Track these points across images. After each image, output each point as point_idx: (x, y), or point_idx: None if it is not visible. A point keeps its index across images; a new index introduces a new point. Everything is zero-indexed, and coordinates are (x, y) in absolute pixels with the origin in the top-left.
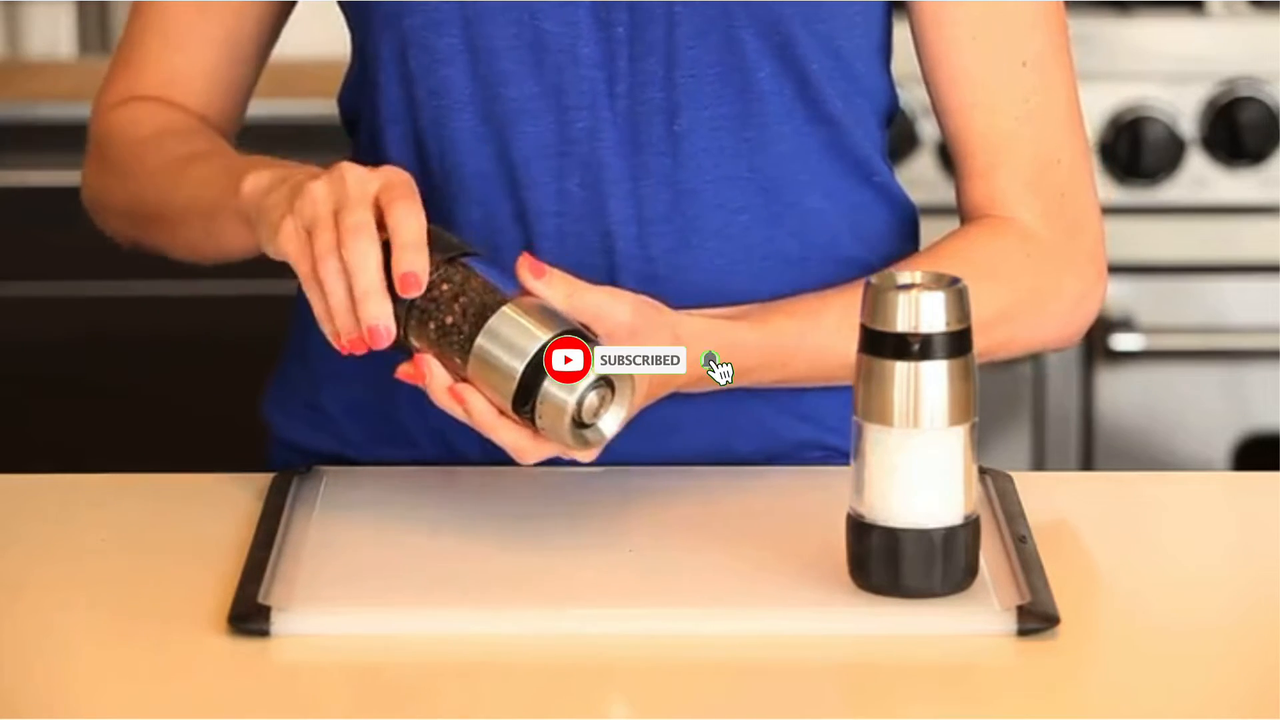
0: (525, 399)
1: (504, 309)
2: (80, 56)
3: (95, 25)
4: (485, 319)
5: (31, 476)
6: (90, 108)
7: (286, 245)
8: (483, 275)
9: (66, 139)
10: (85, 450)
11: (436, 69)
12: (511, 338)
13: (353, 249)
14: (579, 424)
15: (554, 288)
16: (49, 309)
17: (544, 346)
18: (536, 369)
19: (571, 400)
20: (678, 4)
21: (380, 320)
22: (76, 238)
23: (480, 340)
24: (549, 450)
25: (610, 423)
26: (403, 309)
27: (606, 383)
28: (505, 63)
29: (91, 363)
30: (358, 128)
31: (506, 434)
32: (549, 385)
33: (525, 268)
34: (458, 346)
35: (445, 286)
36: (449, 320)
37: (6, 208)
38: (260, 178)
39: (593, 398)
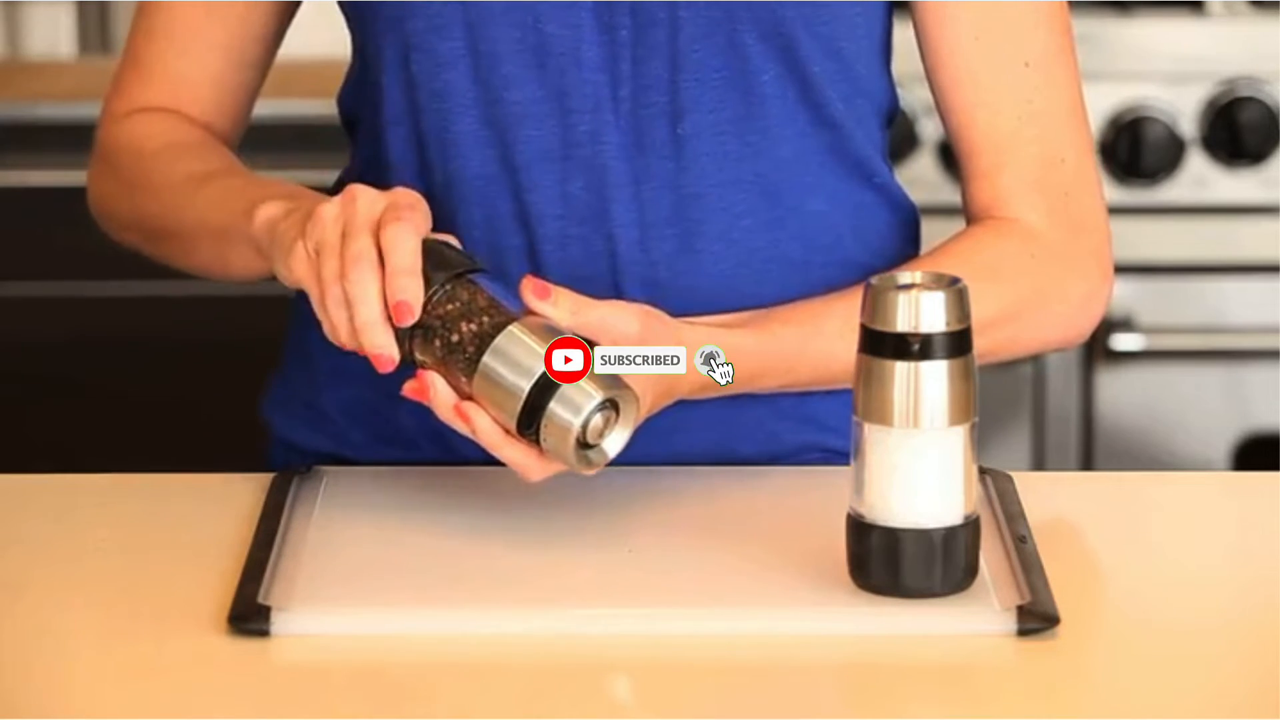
0: (530, 418)
1: (510, 328)
2: (80, 56)
3: (95, 25)
4: (491, 338)
5: (31, 476)
6: (93, 110)
7: (299, 270)
8: (489, 293)
9: (66, 139)
10: (85, 450)
11: (439, 72)
12: (518, 357)
13: (353, 280)
14: (583, 445)
15: (559, 306)
16: (49, 309)
17: None
18: (542, 389)
19: (577, 422)
20: (681, 7)
21: (383, 350)
22: (76, 238)
23: (486, 359)
24: (555, 468)
25: (614, 443)
26: (407, 326)
27: (612, 404)
28: (508, 66)
29: (92, 363)
30: (357, 129)
31: (512, 452)
32: (554, 406)
33: (529, 289)
34: (463, 365)
35: (450, 306)
36: (455, 339)
37: (6, 208)
38: (273, 207)
39: (598, 419)
